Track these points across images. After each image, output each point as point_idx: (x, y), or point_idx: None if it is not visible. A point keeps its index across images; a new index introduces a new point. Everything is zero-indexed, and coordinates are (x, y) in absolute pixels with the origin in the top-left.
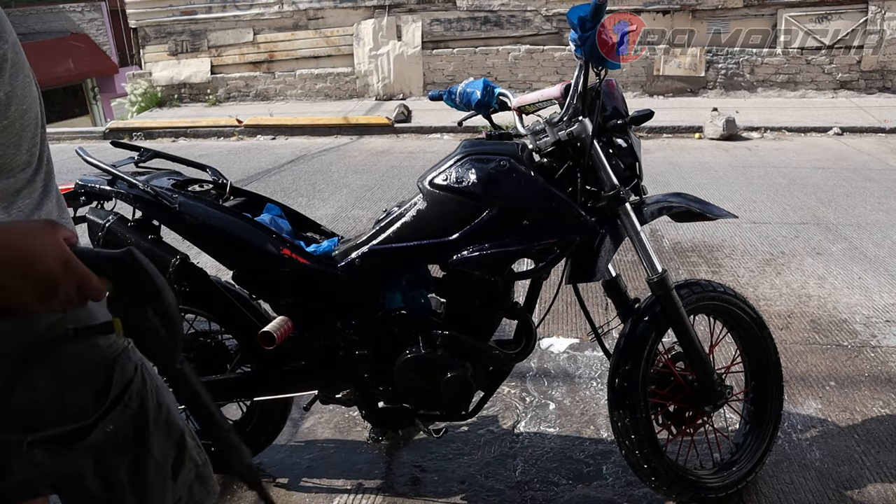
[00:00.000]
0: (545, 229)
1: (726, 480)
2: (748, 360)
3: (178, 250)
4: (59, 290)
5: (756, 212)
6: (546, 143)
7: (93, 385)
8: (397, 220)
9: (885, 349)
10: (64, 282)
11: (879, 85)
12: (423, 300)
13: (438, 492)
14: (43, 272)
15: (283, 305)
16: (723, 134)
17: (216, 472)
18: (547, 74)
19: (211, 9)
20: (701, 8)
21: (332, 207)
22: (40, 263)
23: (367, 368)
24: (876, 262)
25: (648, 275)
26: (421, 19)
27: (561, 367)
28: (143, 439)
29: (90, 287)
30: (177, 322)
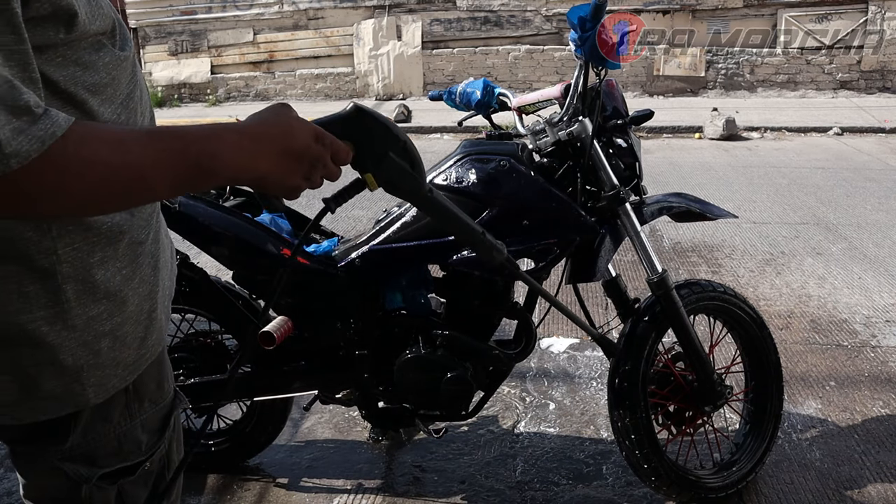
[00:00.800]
0: (545, 229)
1: (726, 480)
2: (748, 360)
3: (178, 250)
4: (319, 163)
5: (756, 212)
6: (546, 143)
7: (154, 426)
8: (397, 220)
9: (885, 349)
10: (321, 154)
11: (879, 85)
12: (423, 300)
13: (438, 492)
14: (302, 147)
15: (283, 305)
16: (723, 134)
17: (216, 472)
18: (547, 74)
19: (211, 9)
20: (701, 8)
21: None
22: (297, 140)
23: (367, 368)
24: (876, 262)
25: (648, 275)
26: (421, 19)
27: (561, 367)
28: (163, 475)
29: (340, 154)
30: (417, 154)
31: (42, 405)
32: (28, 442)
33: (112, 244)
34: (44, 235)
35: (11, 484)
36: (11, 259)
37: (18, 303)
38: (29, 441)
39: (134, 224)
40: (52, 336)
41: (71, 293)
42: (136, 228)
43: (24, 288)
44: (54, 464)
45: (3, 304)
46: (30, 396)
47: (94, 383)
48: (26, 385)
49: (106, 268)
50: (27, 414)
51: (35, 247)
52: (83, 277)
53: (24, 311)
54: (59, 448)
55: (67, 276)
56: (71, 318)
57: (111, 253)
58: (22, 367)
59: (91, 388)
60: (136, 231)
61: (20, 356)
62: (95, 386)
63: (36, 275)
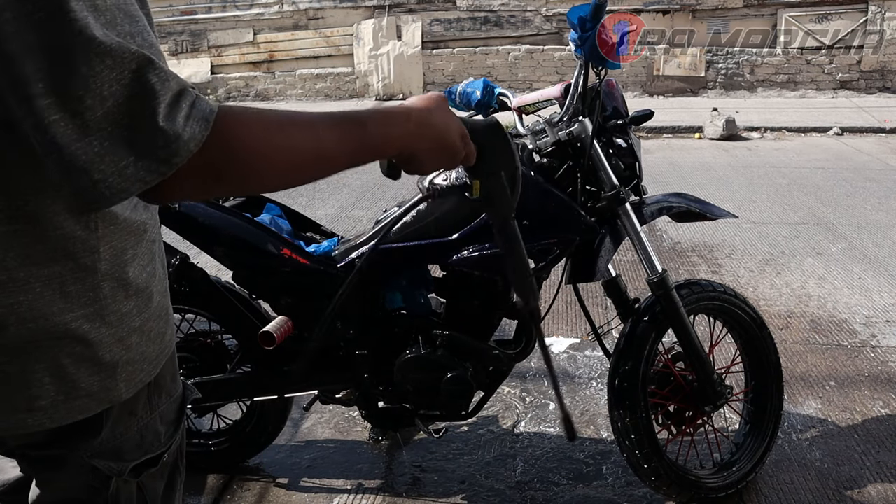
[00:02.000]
0: (545, 229)
1: (726, 480)
2: (748, 360)
3: (178, 250)
4: (457, 159)
5: (756, 212)
6: (546, 143)
7: (170, 417)
8: (397, 221)
9: (885, 349)
10: (461, 152)
11: (879, 85)
12: (423, 300)
13: (438, 492)
14: (452, 144)
15: (283, 305)
16: (723, 134)
17: (216, 472)
18: (547, 74)
19: (211, 9)
20: (701, 8)
21: (332, 207)
22: (452, 137)
23: (367, 368)
24: (876, 262)
25: (648, 275)
26: (421, 19)
27: (561, 367)
28: (177, 466)
29: (470, 154)
30: (519, 184)
31: (80, 404)
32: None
33: (139, 241)
34: (91, 234)
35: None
36: (59, 260)
37: (62, 303)
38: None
39: (153, 221)
40: (92, 333)
41: (107, 290)
42: (151, 226)
43: (67, 288)
44: (83, 461)
45: (48, 304)
46: (68, 397)
47: (125, 378)
48: (66, 385)
49: (135, 265)
50: (65, 415)
51: (82, 245)
52: (118, 275)
53: (66, 311)
54: (90, 443)
55: (105, 273)
56: (108, 315)
57: (138, 250)
58: (63, 366)
59: (123, 382)
60: (152, 228)
61: (61, 356)
62: (126, 381)
63: (78, 274)
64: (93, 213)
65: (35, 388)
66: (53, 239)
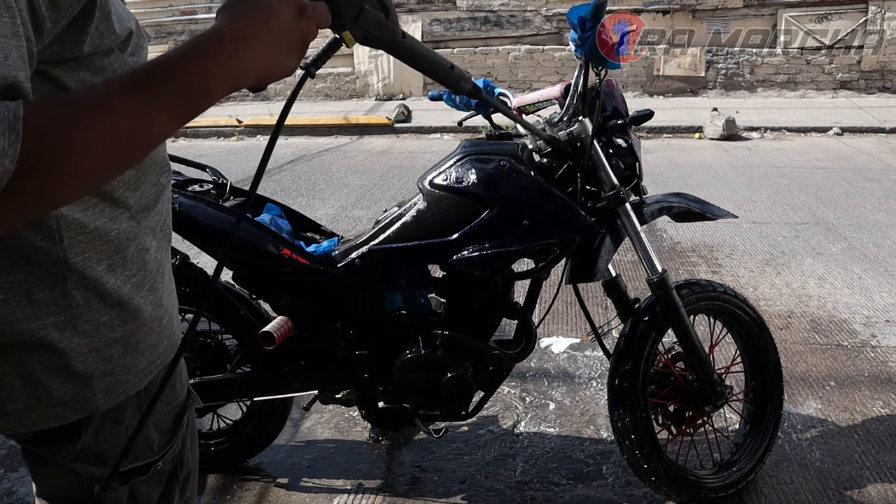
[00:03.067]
0: (545, 229)
1: (726, 480)
2: (748, 360)
3: (178, 250)
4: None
5: (756, 212)
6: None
7: (166, 425)
8: (397, 220)
9: (885, 349)
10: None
11: (879, 85)
12: (423, 300)
13: (438, 492)
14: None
15: (283, 305)
16: (723, 134)
17: (216, 472)
18: (547, 74)
19: (211, 9)
20: (701, 8)
21: (332, 207)
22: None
23: (367, 368)
24: (876, 262)
25: (648, 275)
26: (421, 19)
27: (561, 367)
28: (175, 474)
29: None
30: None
31: (52, 412)
32: (40, 443)
33: (120, 252)
34: (54, 245)
35: (11, 484)
36: (22, 267)
37: (28, 310)
38: (40, 442)
39: (140, 231)
40: (62, 342)
41: (80, 299)
42: (142, 236)
43: (34, 295)
44: (66, 464)
45: (14, 311)
46: (40, 403)
47: (104, 389)
48: (36, 392)
49: (115, 275)
50: (37, 420)
51: (45, 255)
52: (93, 285)
53: (33, 318)
54: (70, 448)
55: (77, 283)
56: (81, 324)
57: (119, 260)
58: (32, 373)
59: (101, 393)
60: (142, 238)
61: (31, 362)
62: (106, 392)
63: (46, 282)
64: (53, 224)
65: (6, 391)
66: (12, 248)
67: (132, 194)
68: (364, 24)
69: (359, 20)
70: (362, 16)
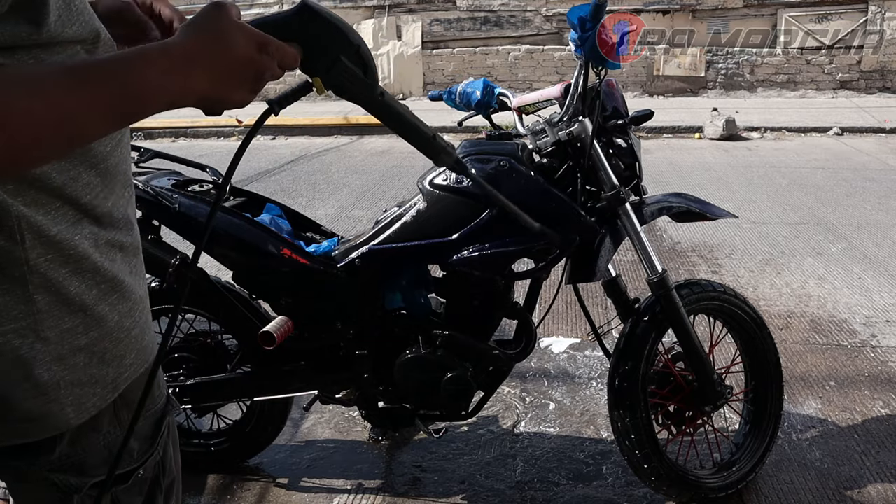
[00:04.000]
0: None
1: (726, 480)
2: (748, 360)
3: (178, 250)
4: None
5: (756, 212)
6: (546, 143)
7: (145, 433)
8: (397, 220)
9: (885, 349)
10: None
11: (879, 85)
12: (423, 300)
13: (438, 492)
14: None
15: (283, 305)
16: (723, 134)
17: (216, 472)
18: (547, 74)
19: None
20: (701, 8)
21: (332, 207)
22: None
23: (367, 368)
24: (876, 262)
25: (648, 275)
26: (421, 19)
27: (561, 367)
28: (158, 481)
29: (287, 60)
30: (371, 59)
31: (19, 428)
32: (14, 457)
33: (85, 258)
34: (16, 246)
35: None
36: None
37: None
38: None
39: (106, 239)
40: (24, 349)
41: (43, 304)
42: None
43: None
44: (43, 475)
45: None
46: (4, 419)
47: (72, 402)
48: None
49: (79, 280)
50: (3, 437)
51: (6, 255)
52: (56, 289)
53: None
54: (46, 459)
55: (38, 286)
56: (43, 330)
57: (85, 265)
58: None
59: (70, 407)
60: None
61: None
62: (74, 405)
63: (5, 286)
64: (15, 224)
65: None
66: None
67: (99, 203)
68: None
69: (332, 71)
70: (336, 67)
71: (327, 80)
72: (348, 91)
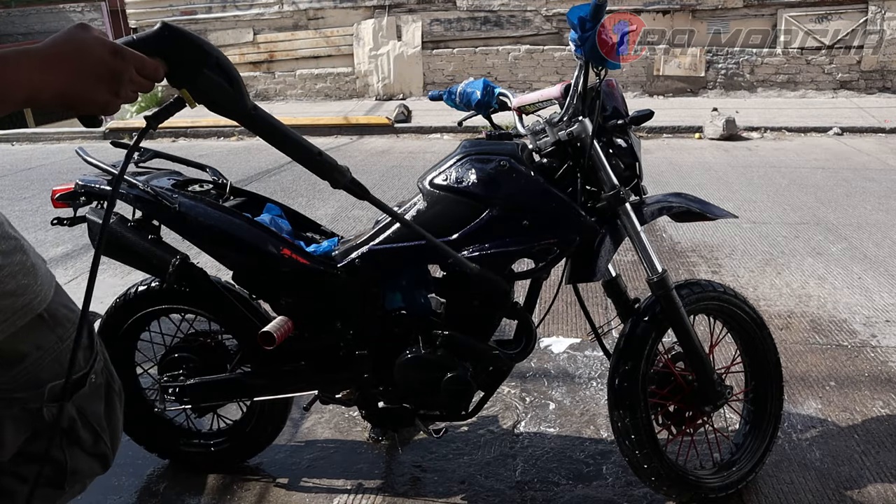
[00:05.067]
0: (545, 229)
1: (726, 480)
2: (748, 360)
3: (178, 250)
4: (123, 76)
5: (756, 212)
6: (546, 143)
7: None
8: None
9: (885, 349)
10: (122, 67)
11: (879, 85)
12: (423, 300)
13: (438, 492)
14: (97, 62)
15: (283, 305)
16: (723, 134)
17: (216, 472)
18: (547, 74)
19: (211, 9)
20: (701, 8)
21: (332, 207)
22: (92, 55)
23: (367, 368)
24: (876, 262)
25: (648, 275)
26: (421, 19)
27: (561, 367)
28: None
29: (146, 68)
30: (234, 71)
31: None
32: None
33: None
34: None
35: None
36: None
37: None
38: None
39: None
40: None
41: None
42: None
43: None
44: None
45: None
46: None
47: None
48: None
49: None
50: None
51: None
52: None
53: None
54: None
55: None
56: None
57: None
58: None
59: None
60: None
61: None
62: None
63: None
64: None
65: None
66: None
67: None
68: (204, 87)
69: (197, 81)
70: (201, 77)
71: (195, 92)
72: (218, 103)
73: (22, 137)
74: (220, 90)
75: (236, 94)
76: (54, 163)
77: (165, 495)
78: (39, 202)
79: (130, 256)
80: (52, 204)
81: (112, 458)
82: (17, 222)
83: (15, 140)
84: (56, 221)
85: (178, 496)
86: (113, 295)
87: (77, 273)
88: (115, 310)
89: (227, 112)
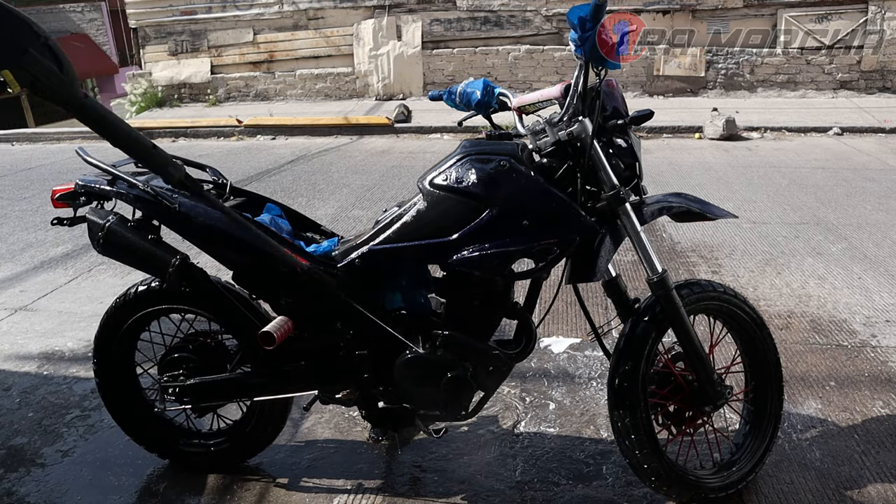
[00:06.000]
0: (545, 229)
1: (726, 480)
2: (748, 360)
3: (178, 250)
4: None
5: (756, 212)
6: (546, 143)
7: None
8: (397, 220)
9: (885, 349)
10: None
11: (879, 85)
12: (423, 300)
13: (438, 492)
14: None
15: (283, 305)
16: (723, 134)
17: (216, 472)
18: (547, 74)
19: (211, 9)
20: (701, 8)
21: (332, 207)
22: None
23: (367, 368)
24: (876, 262)
25: (648, 275)
26: (421, 19)
27: (561, 367)
28: None
29: None
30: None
31: None
32: None
33: None
34: None
35: (11, 484)
36: None
37: None
38: None
39: None
40: None
41: None
42: None
43: None
44: None
45: None
46: None
47: None
48: None
49: None
50: None
51: None
52: None
53: None
54: None
55: None
56: None
57: None
58: None
59: None
60: None
61: None
62: None
63: None
64: None
65: None
66: None
67: None
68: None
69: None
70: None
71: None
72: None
73: (22, 137)
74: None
75: (66, 79)
76: (54, 163)
77: (165, 495)
78: (39, 202)
79: (130, 256)
80: (52, 204)
81: None
82: (17, 222)
83: (15, 140)
84: (56, 221)
85: (178, 496)
86: (113, 295)
87: (77, 273)
88: (115, 310)
89: (54, 97)
